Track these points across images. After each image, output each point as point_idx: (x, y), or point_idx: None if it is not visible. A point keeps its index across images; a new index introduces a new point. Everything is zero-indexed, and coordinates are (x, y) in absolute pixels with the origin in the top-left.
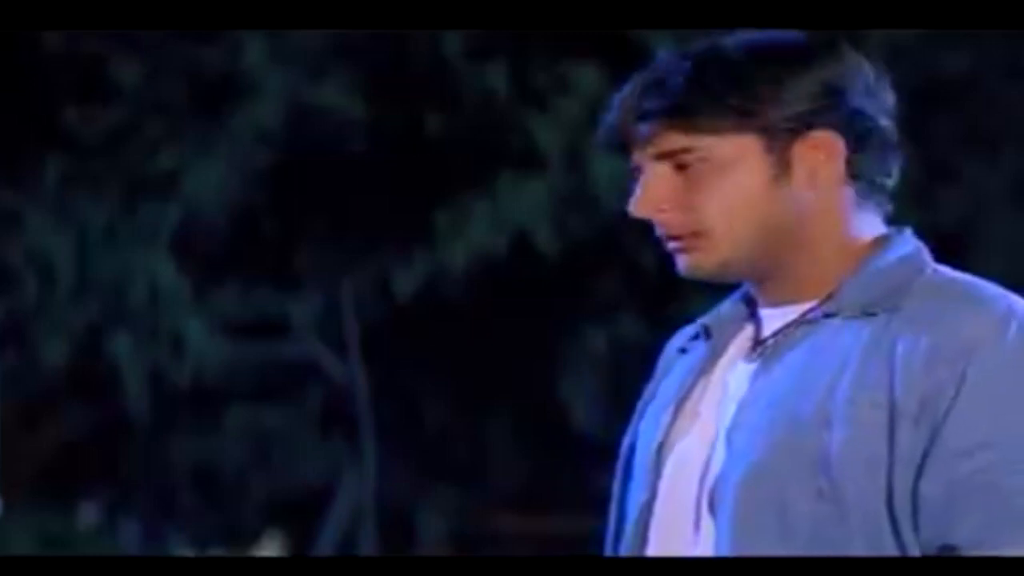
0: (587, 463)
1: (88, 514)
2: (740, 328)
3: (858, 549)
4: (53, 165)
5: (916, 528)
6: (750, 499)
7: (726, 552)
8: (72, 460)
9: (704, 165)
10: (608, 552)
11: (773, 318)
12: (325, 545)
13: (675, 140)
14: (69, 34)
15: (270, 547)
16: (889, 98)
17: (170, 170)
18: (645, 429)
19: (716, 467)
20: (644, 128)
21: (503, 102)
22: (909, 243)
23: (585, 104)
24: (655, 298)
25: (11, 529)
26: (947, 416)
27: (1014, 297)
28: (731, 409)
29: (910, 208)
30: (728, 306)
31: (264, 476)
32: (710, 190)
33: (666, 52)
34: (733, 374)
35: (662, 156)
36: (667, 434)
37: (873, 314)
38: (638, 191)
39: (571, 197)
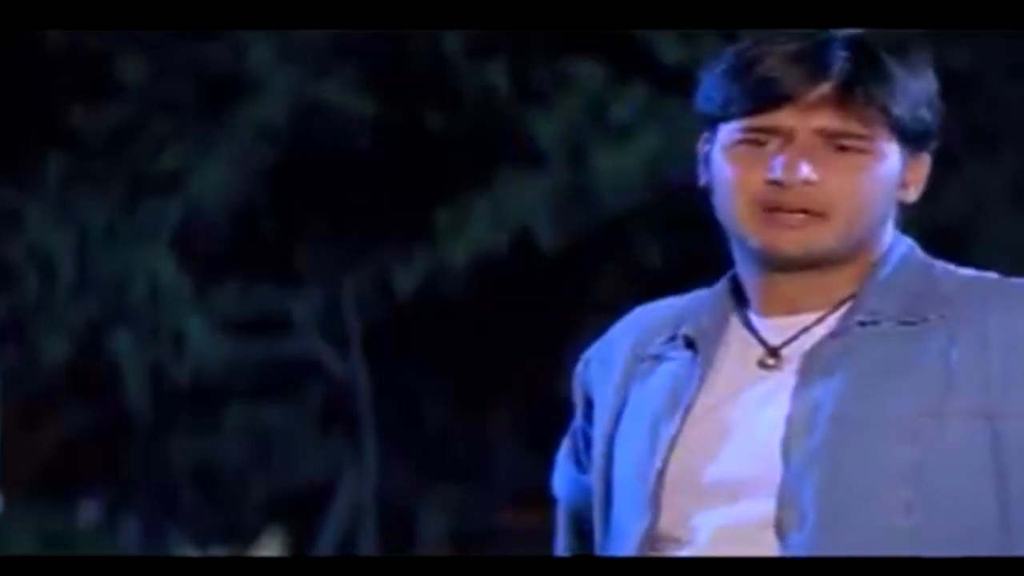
0: None
1: (88, 513)
2: (727, 336)
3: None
4: (54, 163)
5: None
6: (831, 514)
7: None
8: (72, 459)
9: (862, 155)
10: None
11: (776, 326)
12: (325, 544)
13: (854, 124)
14: (72, 32)
15: (270, 546)
16: None
17: (172, 168)
18: (630, 450)
19: (766, 482)
20: (835, 101)
21: (503, 99)
22: (903, 241)
23: (585, 101)
24: (657, 295)
25: (11, 528)
26: None
27: None
28: (768, 424)
29: (910, 207)
30: (704, 314)
31: (264, 474)
32: (858, 180)
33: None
34: (750, 388)
35: (829, 133)
36: (668, 456)
37: (920, 322)
38: (793, 156)
39: (572, 194)
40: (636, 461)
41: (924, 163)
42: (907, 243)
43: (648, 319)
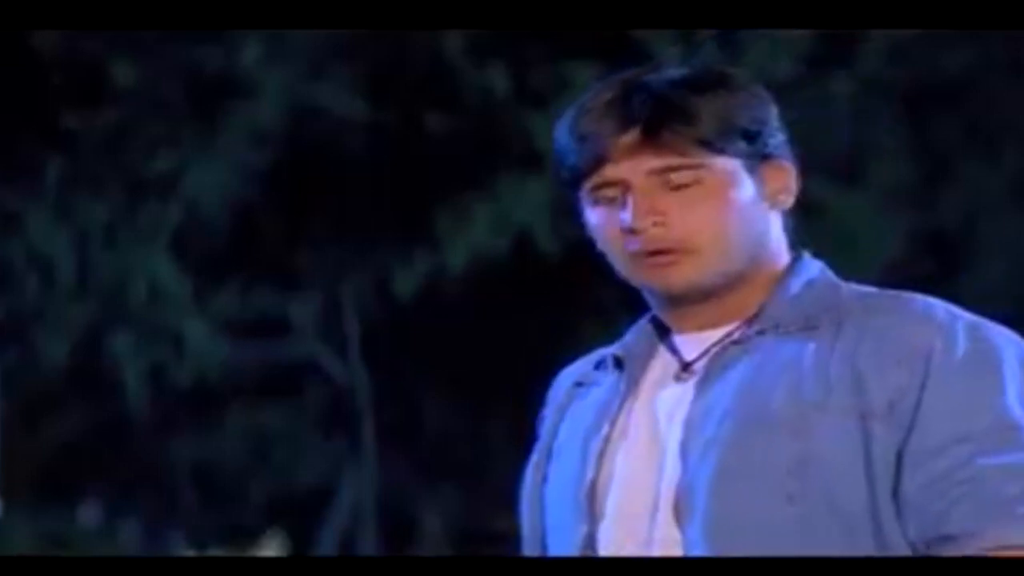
0: None
1: (88, 514)
2: (653, 356)
3: (832, 549)
4: (53, 166)
5: (903, 525)
6: (721, 505)
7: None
8: (72, 460)
9: (700, 185)
10: None
11: (693, 343)
12: (325, 545)
13: (676, 158)
14: (68, 34)
15: (270, 547)
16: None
17: (169, 170)
18: (564, 466)
19: (671, 483)
20: (649, 143)
21: (503, 102)
22: (814, 264)
23: None
24: None
25: (11, 529)
26: (917, 417)
27: (943, 303)
28: (675, 430)
29: (910, 208)
30: (633, 337)
31: (264, 476)
32: (707, 207)
33: (651, 67)
34: (663, 399)
35: (659, 171)
36: (599, 466)
37: (813, 328)
38: (635, 203)
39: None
40: (570, 474)
41: (783, 169)
42: (818, 266)
43: (589, 358)
